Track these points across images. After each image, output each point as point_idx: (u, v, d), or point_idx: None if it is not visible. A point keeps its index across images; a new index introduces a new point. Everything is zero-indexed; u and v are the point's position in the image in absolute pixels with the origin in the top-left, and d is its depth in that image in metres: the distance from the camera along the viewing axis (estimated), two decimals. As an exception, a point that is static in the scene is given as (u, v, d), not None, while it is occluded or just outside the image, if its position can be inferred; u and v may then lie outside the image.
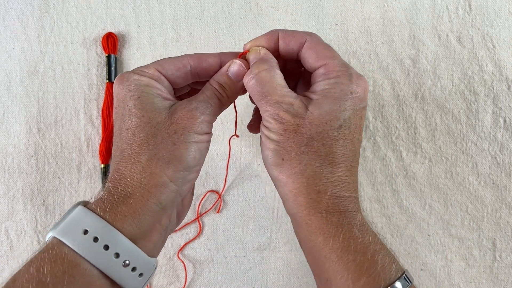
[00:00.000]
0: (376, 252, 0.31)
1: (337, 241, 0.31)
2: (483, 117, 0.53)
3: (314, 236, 0.32)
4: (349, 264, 0.30)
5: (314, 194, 0.32)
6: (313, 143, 0.32)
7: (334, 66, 0.33)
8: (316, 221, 0.32)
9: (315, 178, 0.32)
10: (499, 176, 0.53)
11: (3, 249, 0.51)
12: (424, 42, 0.53)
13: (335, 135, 0.32)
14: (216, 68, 0.37)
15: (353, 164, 0.33)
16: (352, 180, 0.33)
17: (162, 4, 0.53)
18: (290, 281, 0.52)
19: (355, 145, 0.33)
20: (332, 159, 0.32)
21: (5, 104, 0.52)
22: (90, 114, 0.53)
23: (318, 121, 0.32)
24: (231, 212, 0.53)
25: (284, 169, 0.33)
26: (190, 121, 0.33)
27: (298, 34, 0.35)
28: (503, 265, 0.52)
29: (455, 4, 0.54)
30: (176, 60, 0.36)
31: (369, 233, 0.32)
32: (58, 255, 0.29)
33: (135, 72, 0.35)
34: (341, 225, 0.31)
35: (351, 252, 0.31)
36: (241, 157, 0.53)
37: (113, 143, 0.35)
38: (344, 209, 0.32)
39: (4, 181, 0.52)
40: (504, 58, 0.53)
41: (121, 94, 0.34)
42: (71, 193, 0.52)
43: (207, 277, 0.52)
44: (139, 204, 0.32)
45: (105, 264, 0.30)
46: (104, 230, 0.30)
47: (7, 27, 0.53)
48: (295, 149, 0.32)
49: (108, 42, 0.52)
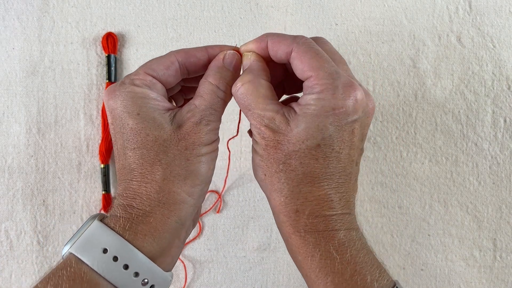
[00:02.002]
0: (356, 272, 0.30)
1: (314, 261, 0.31)
2: (483, 117, 0.53)
3: (295, 254, 0.32)
4: (327, 284, 0.30)
5: (293, 213, 0.31)
6: (291, 161, 0.31)
7: (318, 79, 0.30)
8: (296, 240, 0.31)
9: (292, 198, 0.31)
10: (499, 176, 0.53)
11: (3, 249, 0.51)
12: (424, 42, 0.53)
13: (313, 153, 0.30)
14: (205, 62, 0.35)
15: (340, 180, 0.31)
16: (338, 197, 0.31)
17: (162, 4, 0.53)
18: (290, 281, 0.52)
19: (342, 161, 0.31)
20: (310, 179, 0.31)
21: (5, 104, 0.52)
22: (90, 114, 0.53)
23: (295, 139, 0.30)
24: (231, 212, 0.53)
25: (266, 185, 0.32)
26: (198, 135, 0.32)
27: (285, 42, 0.32)
28: (503, 265, 0.52)
29: (455, 4, 0.54)
30: (163, 59, 0.35)
31: (349, 252, 0.30)
32: (77, 273, 0.29)
33: (126, 83, 0.33)
34: (318, 245, 0.30)
35: (329, 273, 0.30)
36: (241, 157, 0.53)
37: (117, 160, 0.34)
38: (324, 229, 0.30)
39: (4, 181, 0.52)
40: (504, 58, 0.53)
41: (116, 111, 0.33)
42: (71, 193, 0.52)
43: (207, 277, 0.52)
44: (160, 223, 0.31)
45: (125, 284, 0.30)
46: (124, 249, 0.30)
47: (7, 27, 0.53)
48: (274, 166, 0.31)
49: (108, 42, 0.52)
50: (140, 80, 0.33)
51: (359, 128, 0.31)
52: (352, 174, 0.32)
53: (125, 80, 0.33)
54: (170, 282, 0.32)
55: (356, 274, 0.30)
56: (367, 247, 0.32)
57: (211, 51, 0.35)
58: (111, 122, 0.34)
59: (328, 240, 0.30)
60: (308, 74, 0.31)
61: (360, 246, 0.31)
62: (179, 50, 0.35)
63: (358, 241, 0.31)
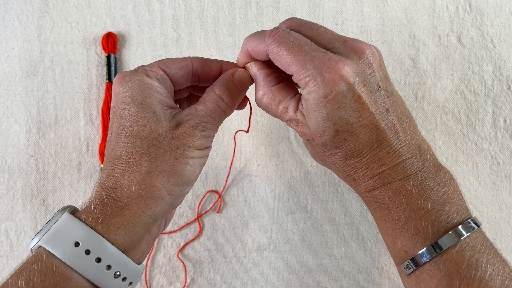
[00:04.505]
0: (410, 218, 0.31)
1: (376, 213, 0.34)
2: (483, 117, 0.53)
3: (371, 211, 0.35)
4: (388, 231, 0.33)
5: (352, 182, 0.34)
6: (328, 148, 0.32)
7: (298, 75, 0.31)
8: (365, 200, 0.34)
9: (346, 171, 0.33)
10: (499, 176, 0.53)
11: (3, 249, 0.51)
12: (425, 42, 0.53)
13: (338, 138, 0.31)
14: (217, 74, 0.37)
15: (380, 137, 0.31)
16: (386, 151, 0.31)
17: (162, 4, 0.53)
18: (290, 281, 0.52)
19: (369, 124, 0.31)
20: (351, 153, 0.32)
21: (5, 104, 0.52)
22: (89, 114, 0.53)
23: (317, 134, 0.32)
24: (231, 212, 0.53)
25: (327, 166, 0.35)
26: (192, 138, 0.33)
27: (260, 45, 0.33)
28: (503, 265, 0.52)
29: (455, 4, 0.54)
30: (179, 59, 0.36)
31: (404, 200, 0.31)
32: (48, 267, 0.29)
33: (138, 72, 0.34)
34: (376, 199, 0.33)
35: (387, 220, 0.32)
36: (241, 157, 0.53)
37: (108, 143, 0.34)
38: (380, 185, 0.32)
39: (4, 181, 0.52)
40: (505, 58, 0.53)
41: (121, 95, 0.34)
42: (71, 193, 0.52)
43: (207, 277, 0.52)
44: (134, 216, 0.32)
45: (97, 277, 0.30)
46: (96, 243, 0.30)
47: (7, 27, 0.53)
48: (323, 154, 0.33)
49: (108, 42, 0.52)
50: (153, 72, 0.34)
51: (364, 87, 0.31)
52: (389, 121, 0.31)
53: (139, 69, 0.35)
54: (141, 274, 0.33)
55: (411, 219, 0.31)
56: (431, 189, 0.31)
57: (225, 66, 0.37)
58: (113, 105, 0.34)
59: (385, 193, 0.32)
60: (290, 71, 0.32)
61: (417, 192, 0.31)
62: (196, 57, 0.37)
63: (415, 188, 0.31)
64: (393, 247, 0.33)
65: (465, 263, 0.30)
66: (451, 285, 0.29)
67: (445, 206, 0.31)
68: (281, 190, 0.53)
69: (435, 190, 0.31)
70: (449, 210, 0.31)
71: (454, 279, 0.29)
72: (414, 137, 0.32)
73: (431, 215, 0.31)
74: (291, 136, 0.53)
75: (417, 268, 0.31)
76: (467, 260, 0.30)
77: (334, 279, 0.52)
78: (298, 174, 0.53)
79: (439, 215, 0.31)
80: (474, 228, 0.31)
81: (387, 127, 0.31)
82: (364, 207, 0.53)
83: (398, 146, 0.31)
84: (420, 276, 0.31)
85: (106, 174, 0.33)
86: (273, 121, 0.53)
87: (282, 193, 0.53)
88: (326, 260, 0.52)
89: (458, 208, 0.31)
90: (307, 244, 0.52)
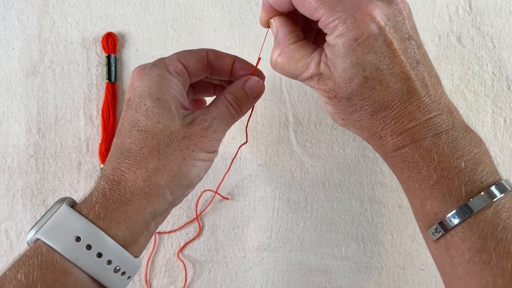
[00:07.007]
0: (443, 177, 0.30)
1: (403, 173, 0.32)
2: (483, 117, 0.53)
3: (395, 173, 0.34)
4: (416, 192, 0.31)
5: (378, 140, 0.32)
6: (354, 102, 0.31)
7: (326, 18, 0.29)
8: (389, 161, 0.33)
9: (372, 128, 0.31)
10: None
11: (3, 249, 0.51)
12: (424, 42, 0.53)
13: (366, 86, 0.30)
14: (228, 68, 0.37)
15: (410, 89, 0.30)
16: (416, 104, 0.30)
17: (162, 4, 0.53)
18: (290, 281, 0.52)
19: (399, 73, 0.29)
20: (379, 105, 0.30)
21: (5, 104, 0.52)
22: (90, 114, 0.53)
23: (343, 84, 0.30)
24: (231, 212, 0.53)
25: (349, 126, 0.33)
26: (203, 139, 0.33)
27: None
28: (503, 265, 0.52)
29: (455, 4, 0.54)
30: (195, 51, 0.36)
31: (436, 158, 0.30)
32: (49, 262, 0.29)
33: (158, 66, 0.34)
34: (405, 159, 0.31)
35: (416, 180, 0.31)
36: (241, 157, 0.53)
37: (117, 135, 0.34)
38: (410, 141, 0.30)
39: (4, 181, 0.52)
40: (504, 58, 0.53)
41: (139, 88, 0.33)
42: (71, 193, 0.52)
43: (207, 277, 0.52)
44: (135, 212, 0.32)
45: (97, 271, 0.30)
46: (98, 238, 0.30)
47: (7, 27, 0.53)
48: (346, 111, 0.32)
49: (108, 42, 0.52)
50: (173, 66, 0.34)
51: (395, 33, 0.29)
52: (419, 72, 0.30)
53: (158, 62, 0.34)
54: (139, 267, 0.34)
55: (443, 178, 0.30)
56: (463, 148, 0.30)
57: (237, 63, 0.37)
58: (128, 97, 0.34)
59: (415, 150, 0.30)
60: (316, 16, 0.30)
61: (450, 150, 0.30)
62: (211, 49, 0.37)
63: (447, 146, 0.30)
64: (422, 210, 0.31)
65: (501, 224, 0.28)
66: (485, 248, 0.28)
67: (478, 166, 0.29)
68: (281, 190, 0.53)
69: (467, 150, 0.30)
70: (482, 170, 0.29)
71: (489, 242, 0.28)
72: (442, 95, 0.31)
73: (464, 174, 0.29)
74: (291, 136, 0.53)
75: (447, 231, 0.29)
76: (503, 221, 0.28)
77: (334, 279, 0.52)
78: (298, 174, 0.53)
79: (473, 174, 0.29)
80: (508, 189, 0.29)
81: (417, 79, 0.30)
82: (364, 207, 0.53)
83: (428, 101, 0.30)
84: (451, 239, 0.30)
85: (111, 166, 0.33)
86: (273, 121, 0.53)
87: (282, 193, 0.53)
88: (326, 260, 0.52)
89: (491, 169, 0.30)
90: (307, 244, 0.52)
